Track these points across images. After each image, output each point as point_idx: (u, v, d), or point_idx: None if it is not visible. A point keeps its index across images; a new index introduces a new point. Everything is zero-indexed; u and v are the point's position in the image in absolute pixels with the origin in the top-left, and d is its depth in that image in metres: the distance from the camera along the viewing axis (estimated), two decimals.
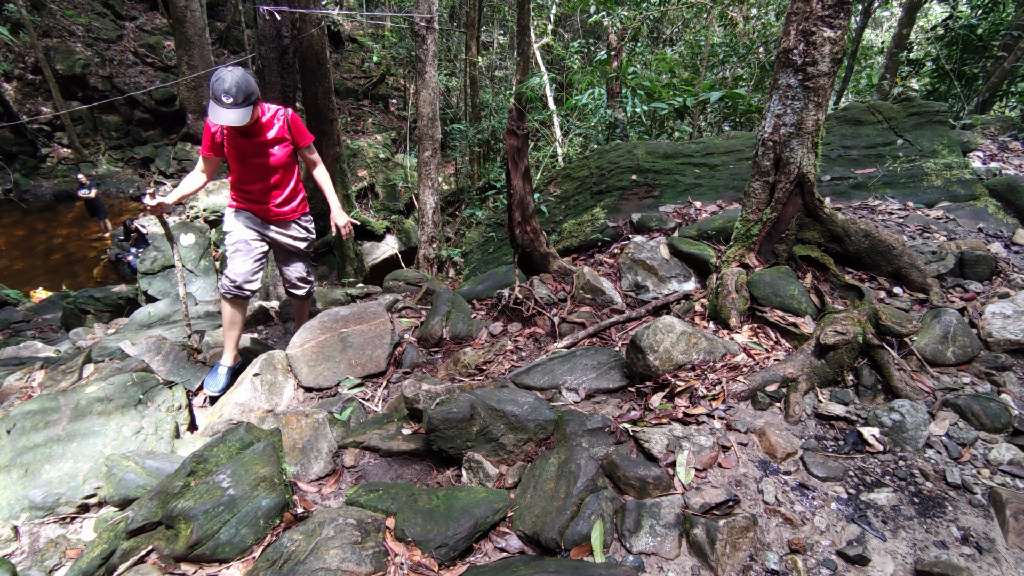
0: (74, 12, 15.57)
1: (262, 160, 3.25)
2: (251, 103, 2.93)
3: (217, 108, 2.87)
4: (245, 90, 2.88)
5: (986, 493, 1.89)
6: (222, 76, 2.85)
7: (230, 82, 2.84)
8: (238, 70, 2.89)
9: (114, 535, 1.85)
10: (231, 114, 2.87)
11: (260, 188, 3.32)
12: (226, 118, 2.86)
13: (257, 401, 3.02)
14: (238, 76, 2.87)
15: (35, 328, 8.56)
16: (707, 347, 2.56)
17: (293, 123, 3.32)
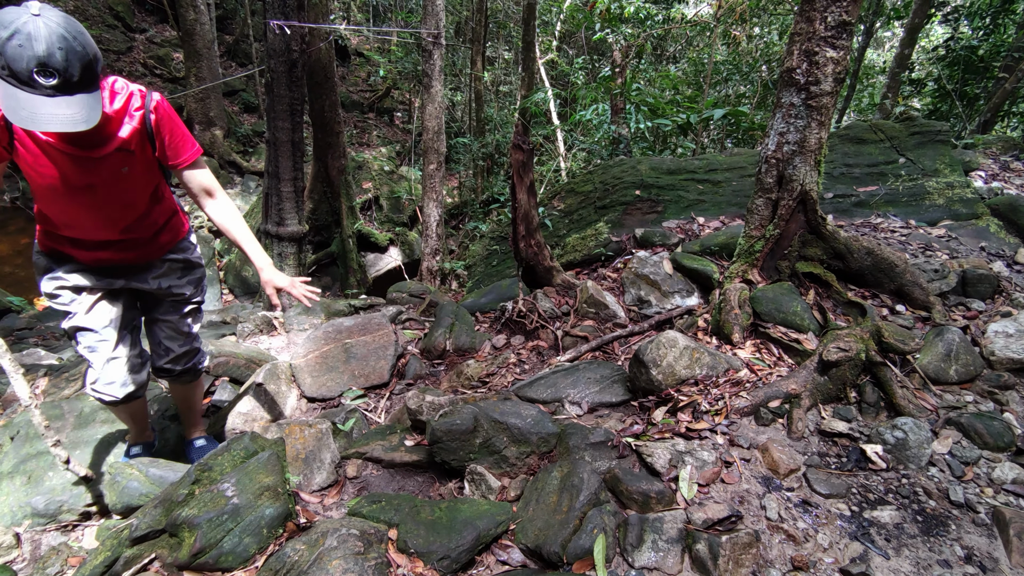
0: (86, 24, 15.79)
1: (103, 189, 1.89)
2: (94, 82, 1.59)
3: (26, 98, 1.48)
4: (81, 56, 1.52)
5: (989, 512, 1.89)
6: (25, 31, 1.43)
7: (46, 41, 1.45)
8: (53, 12, 1.49)
9: (117, 543, 1.85)
10: (61, 109, 1.51)
11: (96, 225, 1.99)
12: (51, 118, 1.50)
13: (260, 411, 3.03)
14: (59, 26, 1.48)
15: (38, 335, 8.57)
16: (710, 362, 2.57)
17: (163, 121, 1.93)
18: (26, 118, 1.50)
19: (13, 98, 1.49)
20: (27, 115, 1.50)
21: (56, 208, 1.93)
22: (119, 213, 2.01)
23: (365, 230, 11.11)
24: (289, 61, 6.12)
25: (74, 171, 1.82)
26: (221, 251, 11.73)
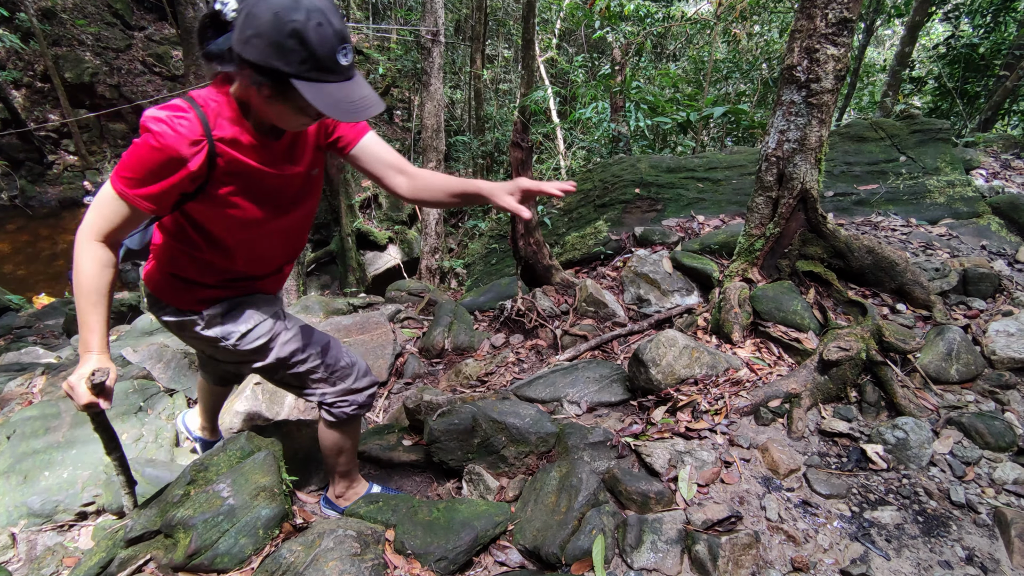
0: (84, 21, 15.76)
1: (301, 209, 1.66)
2: None
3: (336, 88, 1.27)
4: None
5: (991, 513, 1.88)
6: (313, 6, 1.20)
7: (330, 11, 1.23)
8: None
9: (112, 543, 1.83)
10: (364, 90, 1.31)
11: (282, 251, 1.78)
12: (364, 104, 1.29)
13: (258, 410, 3.02)
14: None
15: (37, 334, 8.57)
16: (710, 361, 2.55)
17: None
18: (349, 110, 1.27)
19: (324, 95, 1.24)
20: (349, 107, 1.27)
21: (246, 246, 1.61)
22: (303, 230, 1.77)
23: (364, 228, 11.10)
24: None
25: (283, 190, 1.56)
26: None
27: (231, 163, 1.43)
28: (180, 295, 1.70)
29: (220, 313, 1.71)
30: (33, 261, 12.85)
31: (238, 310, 1.73)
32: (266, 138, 1.48)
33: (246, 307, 1.74)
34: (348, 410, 1.87)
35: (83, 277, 1.41)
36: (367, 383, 1.92)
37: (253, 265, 1.71)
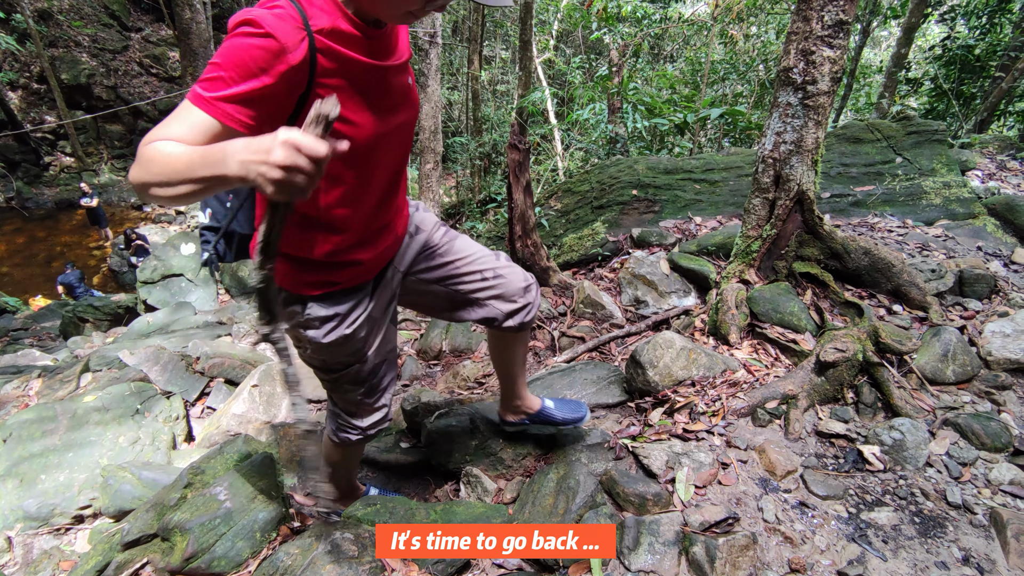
0: (81, 23, 15.74)
1: (403, 113, 1.42)
2: None
3: None
4: None
5: (987, 513, 1.88)
6: None
7: None
8: None
9: (109, 547, 1.83)
10: None
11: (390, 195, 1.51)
12: None
13: (255, 412, 3.01)
14: None
15: (33, 336, 8.55)
16: (707, 363, 2.56)
17: None
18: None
19: None
20: None
21: (350, 186, 1.35)
22: (403, 163, 1.52)
23: None
24: None
25: (387, 101, 1.33)
26: None
27: (335, 57, 1.20)
28: (285, 276, 1.44)
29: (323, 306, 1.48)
30: (29, 263, 12.81)
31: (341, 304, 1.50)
32: (369, 28, 1.26)
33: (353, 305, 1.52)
34: (352, 437, 1.80)
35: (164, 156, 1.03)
36: (381, 421, 1.81)
37: (361, 218, 1.42)
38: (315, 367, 1.62)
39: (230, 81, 1.07)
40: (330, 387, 1.69)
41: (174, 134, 1.05)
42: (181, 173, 1.00)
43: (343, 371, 1.60)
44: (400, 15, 1.22)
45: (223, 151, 0.98)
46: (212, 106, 1.06)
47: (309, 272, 1.44)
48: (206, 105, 1.06)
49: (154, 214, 14.88)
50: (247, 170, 0.95)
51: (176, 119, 1.06)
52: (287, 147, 0.92)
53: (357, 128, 1.25)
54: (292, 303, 1.46)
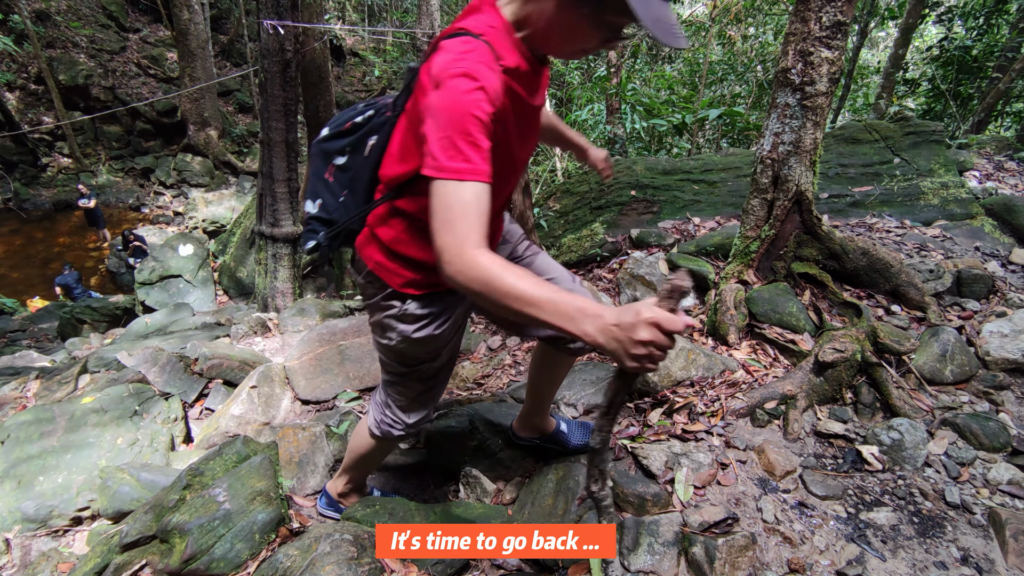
0: (78, 23, 15.71)
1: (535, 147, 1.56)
2: None
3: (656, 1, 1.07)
4: None
5: (985, 513, 1.89)
6: None
7: None
8: None
9: (107, 549, 1.83)
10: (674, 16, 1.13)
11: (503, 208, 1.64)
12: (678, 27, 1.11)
13: (254, 414, 3.01)
14: None
15: (31, 337, 8.54)
16: (706, 363, 2.56)
17: None
18: (670, 31, 1.07)
19: (652, 8, 1.05)
20: (670, 28, 1.08)
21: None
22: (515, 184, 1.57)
23: None
24: (283, 61, 6.09)
25: (531, 133, 1.41)
26: (216, 252, 11.68)
27: (512, 96, 1.22)
28: (393, 274, 1.50)
29: (421, 305, 1.52)
30: (27, 264, 12.79)
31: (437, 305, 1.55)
32: (536, 66, 1.29)
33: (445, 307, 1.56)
34: (395, 432, 1.80)
35: (509, 287, 1.05)
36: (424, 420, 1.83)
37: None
38: (391, 358, 1.65)
39: (475, 146, 1.10)
40: (396, 380, 1.71)
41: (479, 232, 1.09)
42: (524, 309, 1.04)
43: (416, 366, 1.65)
44: (574, 52, 1.25)
45: (577, 308, 1.02)
46: (476, 175, 1.10)
47: (418, 273, 1.48)
48: (471, 177, 1.09)
49: (152, 215, 14.86)
50: (607, 340, 1.00)
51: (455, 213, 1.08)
52: (651, 327, 0.97)
53: (507, 157, 1.29)
54: (393, 299, 1.53)
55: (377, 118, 1.46)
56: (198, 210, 14.66)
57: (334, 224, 1.52)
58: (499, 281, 1.05)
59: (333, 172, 1.52)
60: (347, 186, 1.50)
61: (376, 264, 1.50)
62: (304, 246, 1.52)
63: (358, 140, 1.47)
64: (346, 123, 1.49)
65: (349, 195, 1.50)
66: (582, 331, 1.02)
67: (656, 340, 0.97)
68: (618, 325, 0.99)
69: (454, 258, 1.08)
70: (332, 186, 1.52)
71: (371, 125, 1.46)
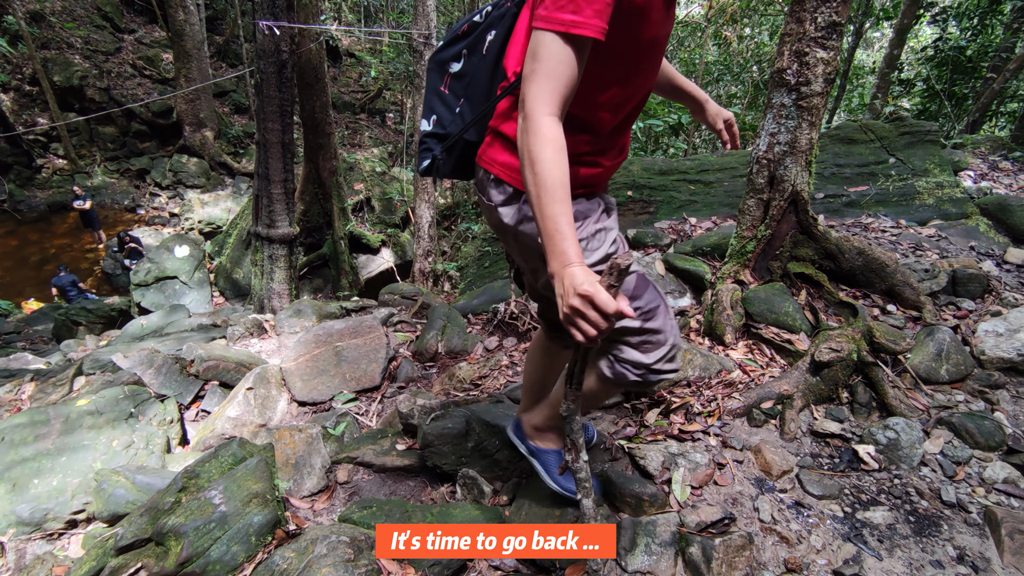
0: (73, 24, 15.65)
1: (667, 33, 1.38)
2: None
3: None
4: None
5: (981, 512, 1.89)
6: None
7: None
8: None
9: (103, 552, 1.82)
10: None
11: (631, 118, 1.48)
12: None
13: (250, 415, 3.00)
14: None
15: (26, 339, 8.49)
16: (702, 363, 2.56)
17: None
18: None
19: None
20: None
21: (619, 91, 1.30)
22: (648, 92, 1.45)
23: (357, 232, 11.07)
24: (279, 62, 6.08)
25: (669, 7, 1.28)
26: (212, 253, 11.65)
27: None
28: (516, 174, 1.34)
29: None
30: (22, 266, 12.72)
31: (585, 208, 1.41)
32: None
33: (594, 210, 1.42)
34: (630, 377, 1.50)
35: (545, 167, 1.06)
36: (669, 368, 1.53)
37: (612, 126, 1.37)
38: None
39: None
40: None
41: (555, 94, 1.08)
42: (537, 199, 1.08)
43: None
44: None
45: (563, 240, 1.07)
46: (578, 28, 1.05)
47: None
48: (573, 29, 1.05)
49: (147, 216, 14.81)
50: (556, 286, 1.08)
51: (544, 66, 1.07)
52: (583, 299, 1.02)
53: (645, 27, 1.19)
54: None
55: (495, 11, 1.38)
56: (194, 211, 14.61)
57: (451, 136, 1.43)
58: (542, 164, 1.06)
59: (448, 83, 1.44)
60: (463, 94, 1.42)
61: (502, 167, 1.34)
62: (418, 168, 1.45)
63: (475, 40, 1.39)
64: (462, 26, 1.41)
65: (466, 103, 1.41)
66: (548, 256, 1.09)
67: (586, 314, 1.01)
68: (561, 281, 1.06)
69: (528, 108, 1.08)
70: (447, 98, 1.44)
71: (490, 19, 1.38)
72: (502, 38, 1.36)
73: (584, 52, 1.09)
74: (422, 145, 1.47)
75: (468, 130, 1.41)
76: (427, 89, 1.49)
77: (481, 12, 1.40)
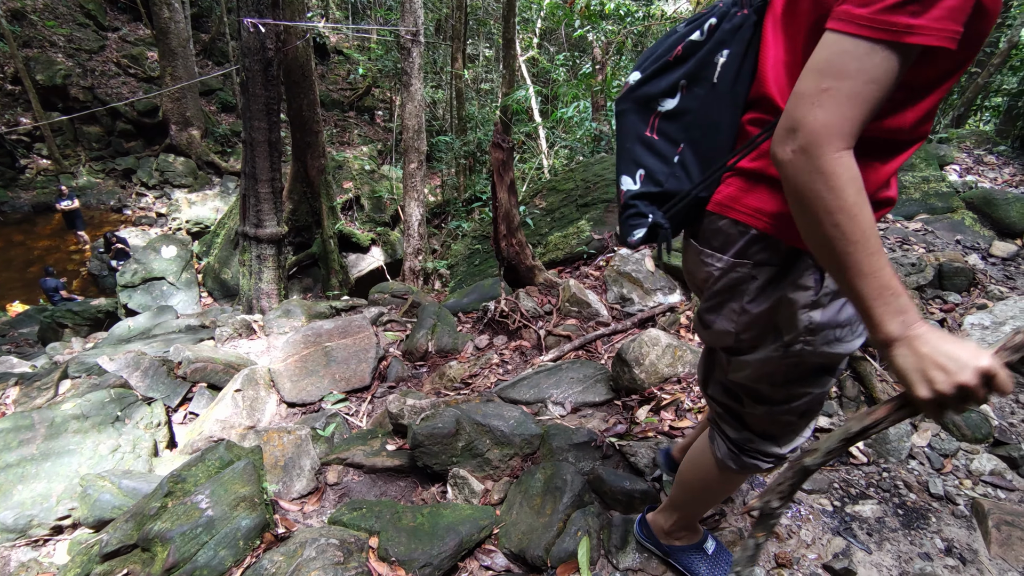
0: (55, 23, 15.43)
1: None
2: None
3: None
4: None
5: (968, 504, 1.91)
6: None
7: None
8: None
9: (88, 559, 1.79)
10: None
11: None
12: None
13: (238, 417, 2.97)
14: None
15: (11, 343, 8.37)
16: (692, 360, 2.56)
17: None
18: None
19: None
20: None
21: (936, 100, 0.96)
22: None
23: (346, 230, 11.01)
24: (264, 60, 6.02)
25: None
26: (199, 253, 11.54)
27: None
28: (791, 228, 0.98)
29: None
30: (6, 268, 12.54)
31: None
32: None
33: None
34: (762, 466, 1.33)
35: (850, 213, 0.81)
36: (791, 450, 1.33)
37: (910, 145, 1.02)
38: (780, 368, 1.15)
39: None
40: (782, 394, 1.20)
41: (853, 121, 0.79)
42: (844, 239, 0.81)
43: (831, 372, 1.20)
44: None
45: (893, 290, 0.82)
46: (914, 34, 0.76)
47: None
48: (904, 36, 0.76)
49: (134, 217, 14.65)
50: (907, 355, 0.83)
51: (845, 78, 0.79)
52: (981, 375, 0.78)
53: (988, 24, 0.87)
54: (807, 269, 1.04)
55: (726, 23, 1.04)
56: (181, 211, 14.46)
57: (671, 195, 1.11)
58: (847, 211, 0.80)
59: (657, 125, 1.12)
60: (682, 137, 1.11)
61: (773, 219, 1.02)
62: (629, 238, 1.12)
63: (699, 65, 1.06)
64: (674, 50, 1.08)
65: (689, 149, 1.10)
66: (880, 321, 0.83)
67: (976, 392, 0.79)
68: (936, 350, 0.81)
69: (812, 141, 0.80)
70: (659, 145, 1.12)
71: (719, 36, 1.04)
72: (740, 58, 1.04)
73: (908, 65, 0.80)
74: (629, 210, 1.14)
75: (705, 184, 1.10)
76: (623, 137, 1.17)
77: (699, 27, 1.06)
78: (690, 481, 1.50)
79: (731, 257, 1.09)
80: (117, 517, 1.99)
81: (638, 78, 1.13)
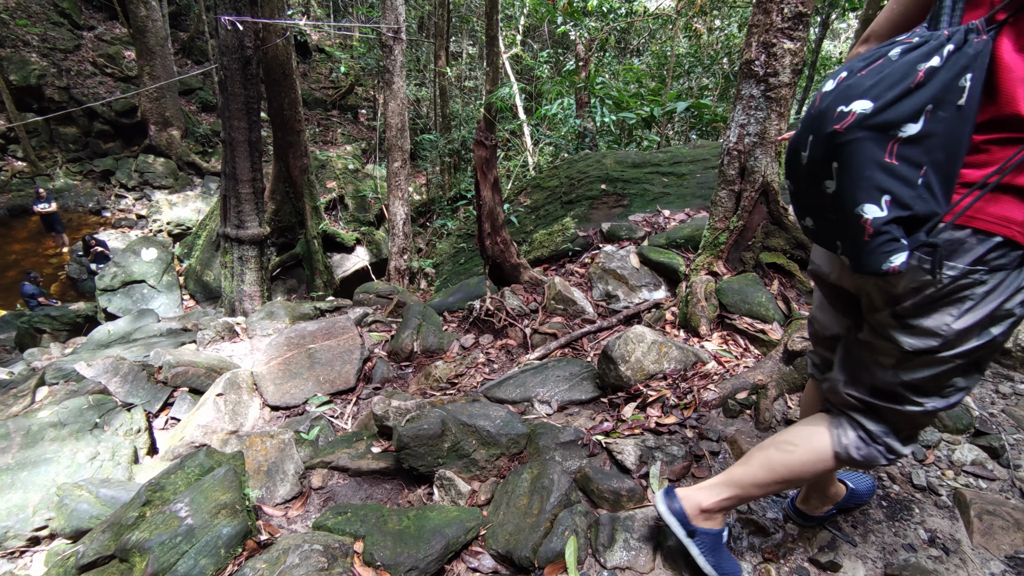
0: (27, 21, 15.10)
1: None
2: None
3: None
4: None
5: (951, 494, 1.93)
6: None
7: None
8: None
9: (65, 570, 1.75)
10: None
11: None
12: None
13: (220, 422, 2.92)
14: None
15: None
16: (678, 356, 2.56)
17: None
18: None
19: None
20: None
21: None
22: None
23: (331, 230, 10.92)
24: (243, 58, 5.93)
25: None
26: (181, 255, 11.38)
27: None
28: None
29: None
30: None
31: None
32: None
33: None
34: (882, 459, 1.38)
35: None
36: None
37: None
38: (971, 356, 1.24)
39: None
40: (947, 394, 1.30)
41: None
42: None
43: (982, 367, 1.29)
44: None
45: None
46: None
47: None
48: None
49: (113, 219, 14.40)
50: None
51: None
52: None
53: None
54: None
55: (967, 48, 1.06)
56: (162, 213, 14.26)
57: (923, 219, 1.13)
58: None
59: (897, 150, 1.11)
60: (924, 160, 1.12)
61: (1020, 227, 1.11)
62: (886, 266, 1.13)
63: (945, 89, 1.07)
64: (912, 77, 1.07)
65: (931, 170, 1.12)
66: None
67: None
68: None
69: None
70: (901, 170, 1.11)
71: (962, 61, 1.06)
72: (981, 81, 1.08)
73: None
74: (881, 236, 1.13)
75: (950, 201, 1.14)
76: (860, 165, 1.14)
77: (936, 51, 1.08)
78: (782, 462, 1.48)
79: (967, 265, 1.16)
80: (94, 527, 1.94)
81: (873, 107, 1.10)
